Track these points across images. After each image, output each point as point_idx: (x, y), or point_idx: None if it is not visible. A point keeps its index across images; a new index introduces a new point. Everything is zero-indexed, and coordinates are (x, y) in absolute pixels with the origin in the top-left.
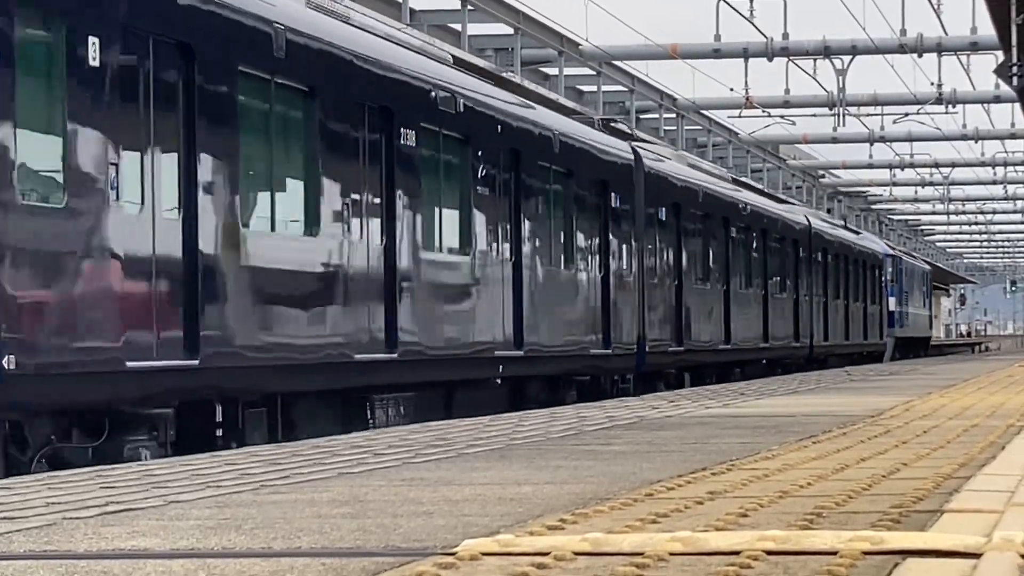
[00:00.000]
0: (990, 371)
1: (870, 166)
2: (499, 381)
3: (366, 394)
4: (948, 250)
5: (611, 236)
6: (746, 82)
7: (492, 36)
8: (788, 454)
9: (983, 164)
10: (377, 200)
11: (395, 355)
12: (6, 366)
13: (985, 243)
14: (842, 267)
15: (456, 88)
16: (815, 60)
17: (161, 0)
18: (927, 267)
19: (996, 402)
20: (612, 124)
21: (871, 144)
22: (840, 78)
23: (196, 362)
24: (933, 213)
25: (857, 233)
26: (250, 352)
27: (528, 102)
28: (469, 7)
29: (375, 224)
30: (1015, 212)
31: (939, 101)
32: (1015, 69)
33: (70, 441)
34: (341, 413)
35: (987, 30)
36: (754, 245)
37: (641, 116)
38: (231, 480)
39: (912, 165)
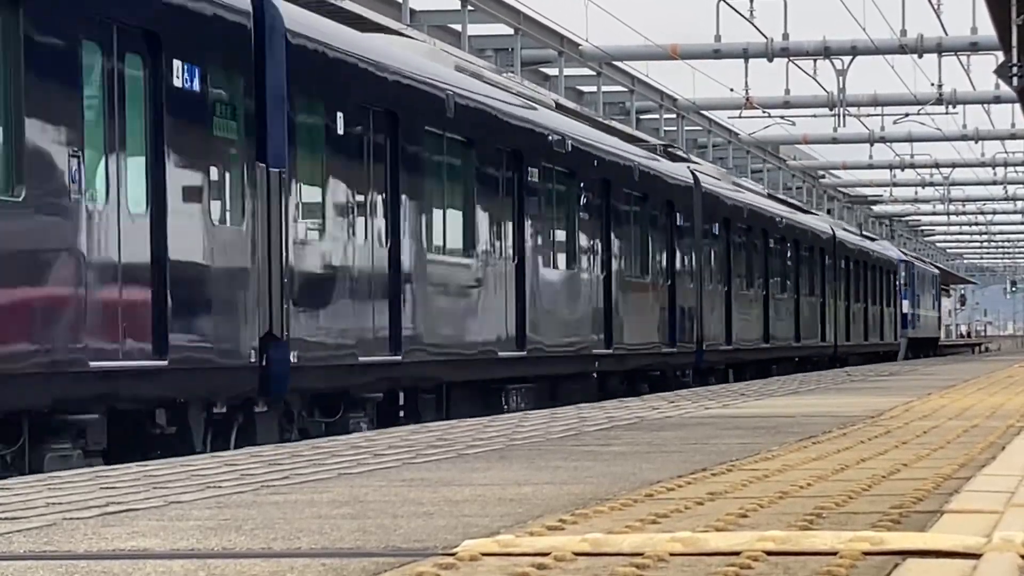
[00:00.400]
0: (990, 372)
1: (870, 166)
2: (595, 375)
3: (502, 384)
4: (948, 251)
5: (676, 250)
6: (746, 82)
7: (492, 36)
8: (788, 455)
9: (983, 164)
10: (511, 226)
11: (524, 353)
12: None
13: (985, 243)
14: (862, 273)
15: (564, 131)
16: (815, 60)
17: (378, 80)
18: (936, 271)
19: (996, 403)
20: (671, 150)
21: (871, 144)
22: (840, 78)
23: (399, 358)
24: (933, 213)
25: (873, 240)
26: (431, 350)
27: (616, 139)
28: (469, 7)
29: (511, 247)
30: (1015, 212)
31: (939, 101)
32: (1015, 69)
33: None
34: (484, 400)
35: (987, 30)
36: (788, 254)
37: (641, 116)
38: (231, 481)
39: (912, 166)
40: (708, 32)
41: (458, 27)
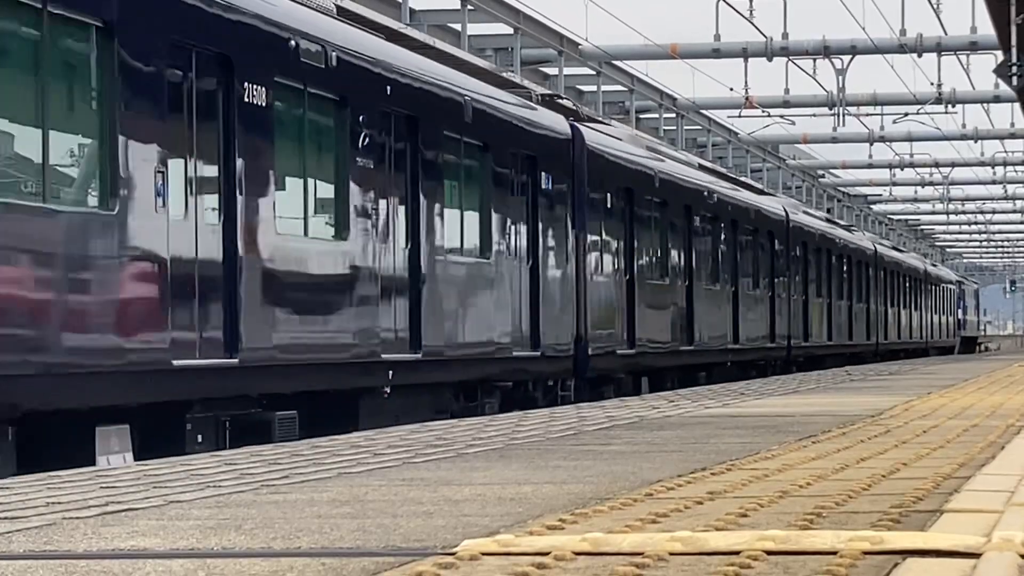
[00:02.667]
0: (990, 371)
1: (870, 166)
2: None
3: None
4: (948, 250)
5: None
6: (746, 82)
7: (492, 36)
8: (788, 454)
9: (983, 164)
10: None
11: (633, 351)
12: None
13: (985, 243)
14: (935, 291)
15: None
16: (815, 60)
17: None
18: (975, 286)
19: (996, 402)
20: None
21: (871, 144)
22: (840, 78)
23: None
24: (933, 213)
25: (935, 266)
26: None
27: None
28: (469, 7)
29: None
30: (1015, 212)
31: (939, 101)
32: (1015, 69)
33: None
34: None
35: (987, 30)
36: (907, 286)
37: (641, 116)
38: (231, 480)
39: (912, 165)
40: (708, 31)
41: (458, 27)
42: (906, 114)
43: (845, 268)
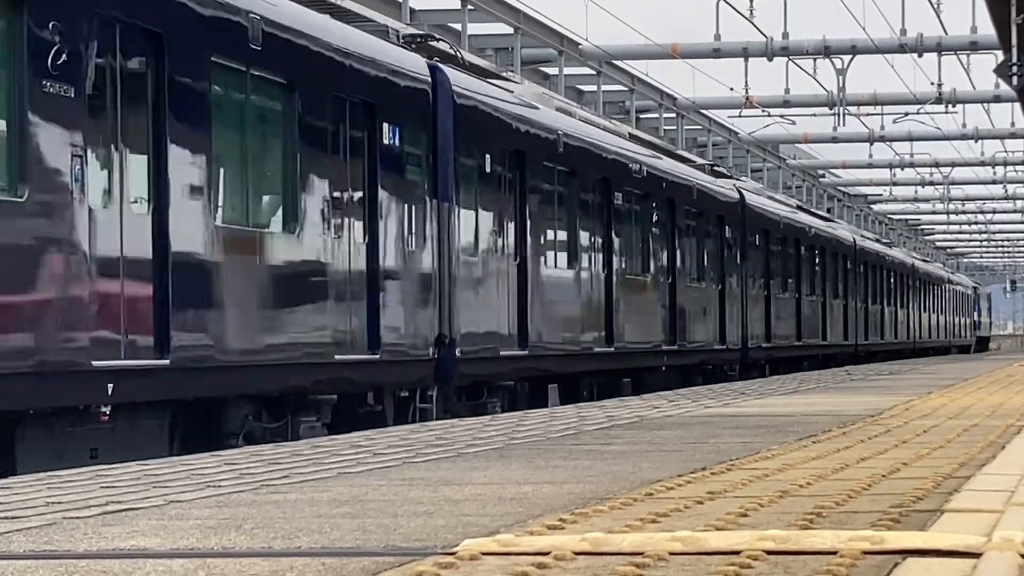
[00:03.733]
0: (990, 371)
1: (870, 166)
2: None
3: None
4: (948, 250)
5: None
6: (746, 82)
7: (492, 36)
8: (788, 454)
9: (983, 164)
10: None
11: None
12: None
13: (985, 243)
14: (956, 297)
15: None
16: (815, 60)
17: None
18: (988, 291)
19: (996, 402)
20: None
21: (871, 144)
22: (840, 78)
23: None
24: (933, 213)
25: (952, 272)
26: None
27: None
28: (469, 7)
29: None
30: (1015, 212)
31: (939, 101)
32: (1015, 69)
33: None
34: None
35: (987, 30)
36: (935, 293)
37: (641, 116)
38: (231, 480)
39: (912, 165)
40: (708, 31)
41: (458, 26)
42: (906, 114)
43: (892, 280)
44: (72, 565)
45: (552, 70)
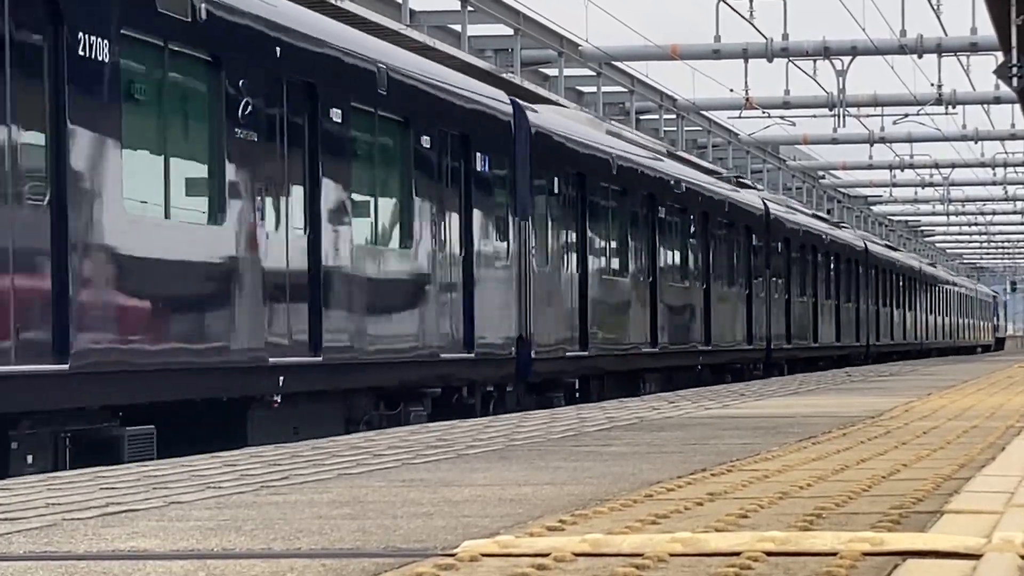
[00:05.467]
0: (990, 372)
1: (870, 167)
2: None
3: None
4: (948, 251)
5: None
6: (746, 83)
7: (492, 37)
8: (788, 455)
9: (983, 165)
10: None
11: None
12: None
13: (985, 244)
14: (979, 304)
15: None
16: (815, 61)
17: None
18: (1005, 299)
19: (996, 403)
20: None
21: (871, 145)
22: (840, 79)
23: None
24: (933, 214)
25: (976, 280)
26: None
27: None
28: (469, 8)
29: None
30: (1015, 213)
31: (939, 102)
32: (1015, 70)
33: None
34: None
35: (987, 30)
36: (953, 300)
37: (641, 117)
38: (231, 481)
39: (912, 166)
40: (708, 32)
41: (458, 27)
42: (906, 115)
43: (936, 294)
44: (72, 566)
45: (552, 71)
